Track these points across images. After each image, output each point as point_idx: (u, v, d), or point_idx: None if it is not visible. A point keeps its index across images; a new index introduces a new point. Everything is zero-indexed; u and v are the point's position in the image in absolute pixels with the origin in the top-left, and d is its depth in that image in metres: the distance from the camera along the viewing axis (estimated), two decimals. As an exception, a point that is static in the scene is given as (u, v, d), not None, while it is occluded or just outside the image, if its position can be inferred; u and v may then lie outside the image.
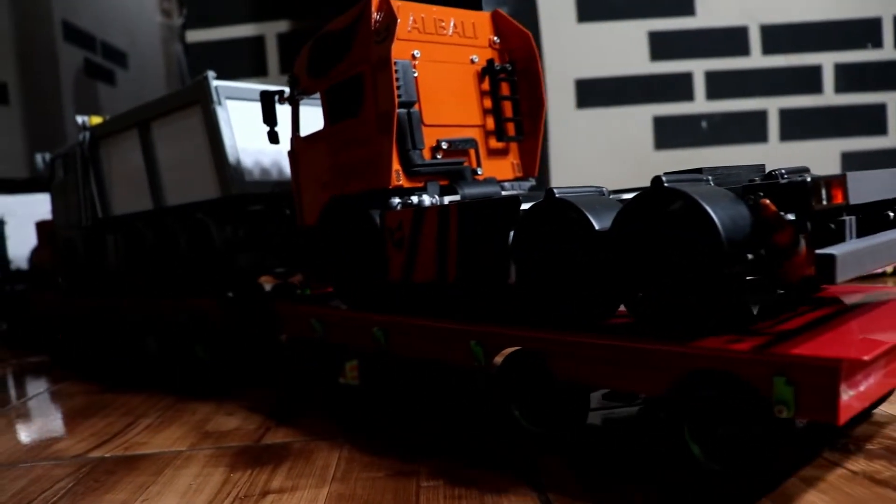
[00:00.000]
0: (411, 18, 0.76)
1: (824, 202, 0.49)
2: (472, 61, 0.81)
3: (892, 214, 0.57)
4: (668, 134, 2.27)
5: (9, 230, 1.80)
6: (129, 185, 1.21)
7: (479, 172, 0.80)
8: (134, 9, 4.36)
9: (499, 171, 0.82)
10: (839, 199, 0.49)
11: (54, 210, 1.50)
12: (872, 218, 0.56)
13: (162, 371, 1.09)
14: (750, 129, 2.27)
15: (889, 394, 0.63)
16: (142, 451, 0.73)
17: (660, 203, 0.51)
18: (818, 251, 0.46)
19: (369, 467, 0.63)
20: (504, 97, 0.81)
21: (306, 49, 0.85)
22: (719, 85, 2.26)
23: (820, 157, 2.25)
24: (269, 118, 0.89)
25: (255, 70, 2.23)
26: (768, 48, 2.24)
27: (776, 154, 2.27)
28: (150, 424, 0.82)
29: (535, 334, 0.61)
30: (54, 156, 1.46)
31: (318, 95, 0.84)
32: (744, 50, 2.24)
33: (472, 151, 0.79)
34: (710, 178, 0.58)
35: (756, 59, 2.24)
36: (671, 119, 2.27)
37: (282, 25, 2.19)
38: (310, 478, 0.62)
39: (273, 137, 0.90)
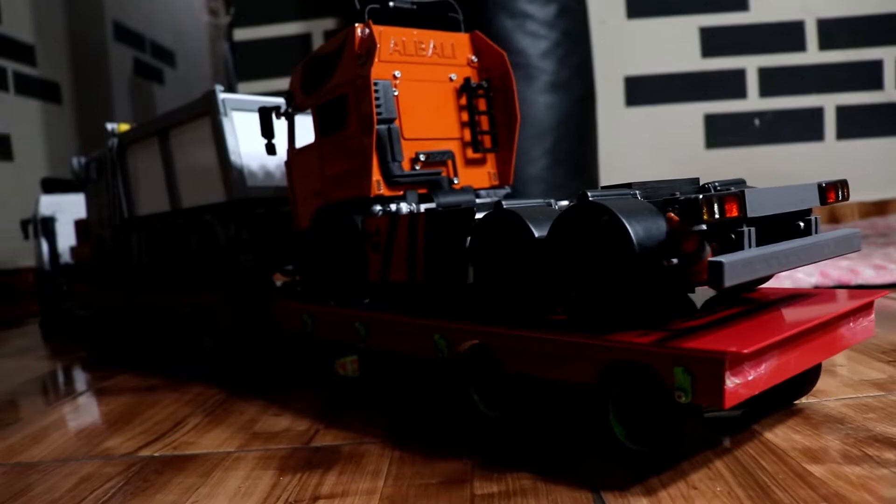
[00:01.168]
0: (392, 42, 0.82)
1: (717, 216, 0.54)
2: (451, 79, 0.87)
3: (802, 224, 0.64)
4: (720, 132, 2.22)
5: (59, 227, 1.86)
6: (150, 188, 1.31)
7: (456, 182, 0.86)
8: (182, 8, 4.41)
9: (476, 180, 0.88)
10: (734, 213, 0.55)
11: (88, 209, 1.61)
12: (786, 228, 0.64)
13: (215, 368, 1.09)
14: (805, 127, 2.20)
15: (803, 384, 0.69)
16: (190, 451, 0.72)
17: (585, 216, 0.58)
18: (711, 259, 0.52)
19: (421, 473, 0.62)
20: (480, 112, 0.88)
21: (300, 68, 0.92)
22: (773, 82, 2.20)
23: (880, 156, 2.17)
24: (267, 131, 0.95)
25: (302, 68, 2.24)
26: (825, 43, 2.17)
27: (833, 153, 2.20)
28: (199, 424, 0.82)
29: (486, 329, 0.67)
30: (88, 159, 1.56)
31: (310, 111, 0.91)
32: (799, 45, 2.18)
33: (449, 162, 0.85)
34: (637, 192, 0.63)
35: (812, 55, 2.18)
36: (723, 117, 2.22)
37: (328, 23, 2.19)
38: (360, 483, 0.60)
39: (270, 149, 0.96)
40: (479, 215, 0.68)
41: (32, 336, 1.68)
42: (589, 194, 0.58)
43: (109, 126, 1.48)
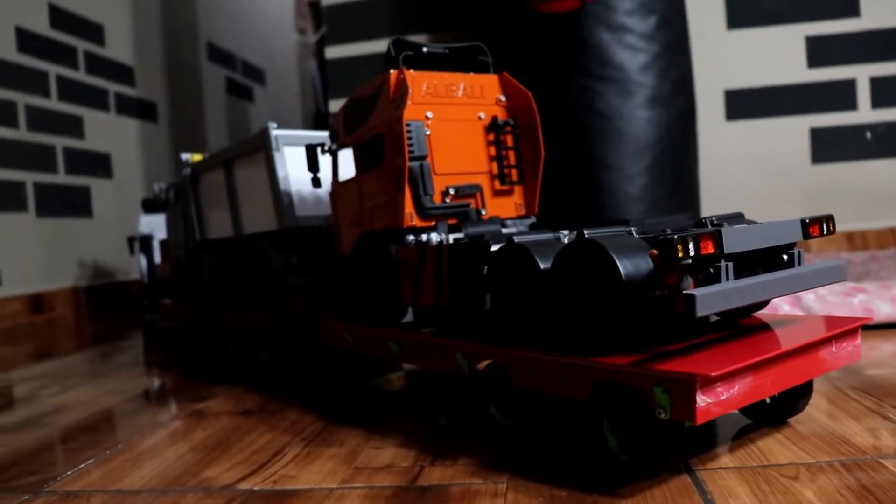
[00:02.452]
0: (425, 86, 0.90)
1: (691, 253, 0.59)
2: (480, 117, 0.94)
3: (785, 258, 0.70)
4: (827, 147, 2.10)
5: (156, 244, 1.95)
6: (218, 214, 1.44)
7: (484, 213, 0.93)
8: (271, 28, 4.51)
9: (504, 210, 0.96)
10: (710, 250, 0.60)
11: (168, 230, 1.77)
12: (769, 261, 0.70)
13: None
14: (924, 140, 2.06)
15: (795, 402, 0.75)
16: (292, 486, 0.69)
17: (582, 250, 0.65)
18: (685, 291, 0.58)
19: (538, 521, 0.57)
20: (507, 147, 0.95)
21: (343, 109, 1.00)
22: (887, 92, 2.07)
23: None
24: (313, 166, 1.04)
25: (393, 85, 2.23)
26: (947, 51, 2.03)
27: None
28: (297, 455, 0.79)
29: (499, 350, 0.75)
30: (168, 185, 1.72)
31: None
32: (917, 53, 2.04)
33: (477, 195, 0.93)
34: (633, 229, 0.71)
35: (931, 64, 2.04)
36: (831, 130, 2.10)
37: (419, 39, 2.18)
38: (474, 531, 0.56)
39: (316, 182, 1.04)
40: (494, 247, 0.76)
41: (130, 351, 1.71)
42: (585, 232, 0.67)
43: (184, 156, 1.65)
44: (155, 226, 2.01)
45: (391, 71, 0.90)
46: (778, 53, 2.09)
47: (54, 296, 2.55)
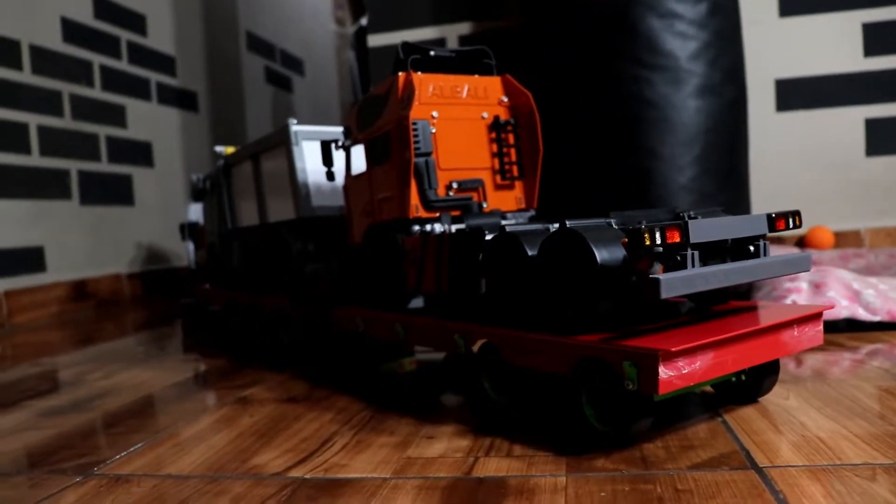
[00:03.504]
0: (431, 87, 0.95)
1: (658, 241, 0.65)
2: (483, 117, 1.00)
3: (752, 248, 0.76)
4: (884, 138, 2.03)
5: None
6: (247, 204, 1.54)
7: (485, 206, 0.99)
8: (309, 18, 4.51)
9: (505, 204, 1.01)
10: (676, 239, 0.66)
11: (205, 218, 1.87)
12: (738, 250, 0.75)
13: (355, 381, 1.07)
14: None
15: (762, 383, 0.81)
16: (343, 475, 0.68)
17: (564, 239, 0.71)
18: (650, 276, 0.63)
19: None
20: (508, 145, 1.00)
21: (356, 107, 1.06)
22: (946, 83, 1.99)
23: None
24: (327, 161, 1.10)
25: (436, 73, 2.20)
26: None
27: None
28: (347, 444, 0.77)
29: (492, 330, 0.81)
30: (205, 176, 1.81)
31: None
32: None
33: (480, 189, 0.99)
34: (613, 221, 0.76)
35: None
36: (888, 121, 2.03)
37: (464, 27, 2.15)
38: (535, 525, 0.54)
39: (330, 176, 1.12)
40: (488, 237, 0.82)
41: (172, 337, 1.71)
42: (567, 223, 0.71)
43: (218, 149, 1.77)
44: (202, 213, 2.03)
45: (400, 73, 0.95)
46: (833, 41, 2.02)
47: (97, 282, 2.57)
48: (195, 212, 2.07)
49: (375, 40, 2.22)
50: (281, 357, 1.31)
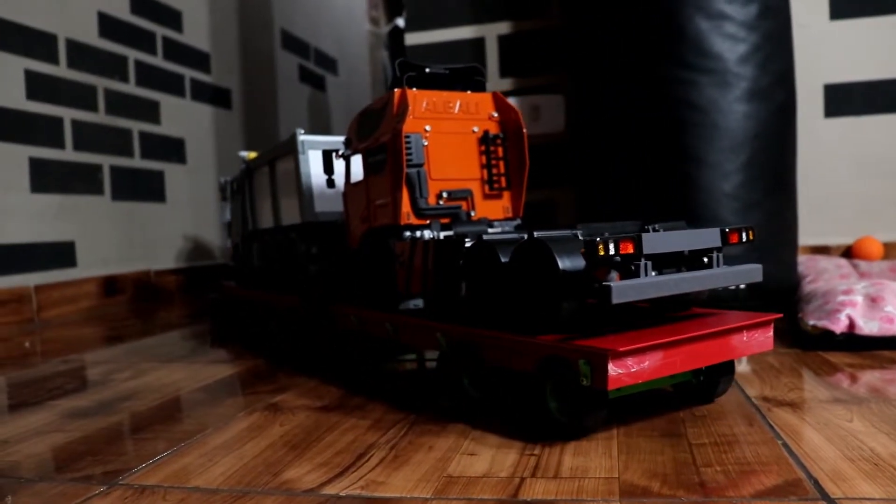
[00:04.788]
0: (425, 102, 1.01)
1: (612, 252, 0.71)
2: (474, 131, 1.05)
3: (706, 259, 0.81)
4: (938, 148, 1.95)
5: None
6: (265, 207, 1.62)
7: (473, 214, 1.05)
8: (344, 17, 4.50)
9: (493, 213, 1.07)
10: (630, 250, 0.72)
11: (231, 220, 1.95)
12: (692, 261, 0.81)
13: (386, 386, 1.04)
14: None
15: (717, 384, 0.87)
16: (381, 494, 0.64)
17: (532, 248, 0.77)
18: (603, 282, 0.70)
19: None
20: (497, 157, 1.06)
21: (356, 119, 1.12)
22: None
23: None
24: (328, 169, 1.17)
25: (474, 73, 2.16)
26: None
27: None
28: (384, 458, 0.73)
29: (470, 330, 0.87)
30: (231, 179, 1.91)
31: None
32: None
33: (468, 198, 1.05)
34: (579, 232, 0.83)
35: None
36: (941, 130, 1.95)
37: (503, 27, 2.11)
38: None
39: (330, 183, 1.19)
40: (468, 244, 0.89)
41: (201, 337, 1.69)
42: (535, 233, 0.78)
43: (242, 154, 1.87)
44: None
45: (396, 89, 1.01)
46: (885, 45, 1.95)
47: (127, 278, 2.56)
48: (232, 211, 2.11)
49: (413, 39, 2.19)
50: (293, 355, 1.37)
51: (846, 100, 1.98)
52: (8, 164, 2.11)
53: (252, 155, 1.79)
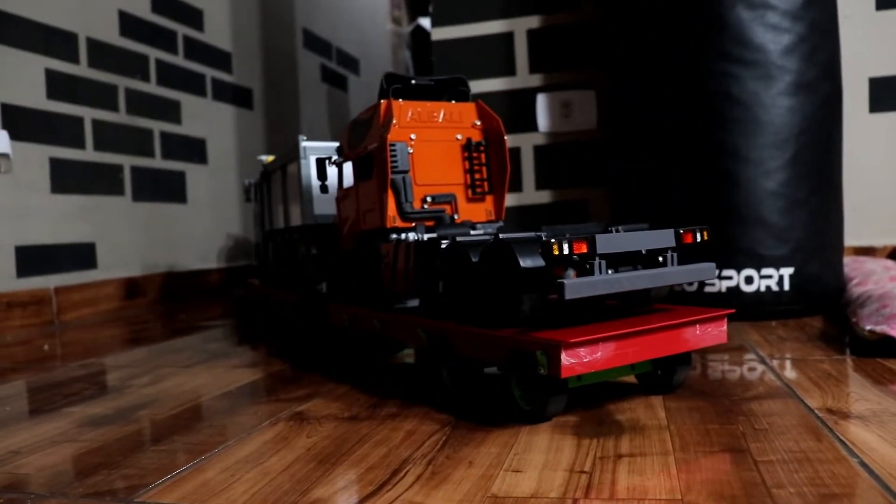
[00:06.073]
0: (410, 112, 1.07)
1: (566, 252, 0.76)
2: (457, 138, 1.11)
3: (661, 259, 0.85)
4: None
5: None
6: (278, 209, 1.69)
7: (456, 217, 1.10)
8: (366, 17, 4.45)
9: (476, 216, 1.12)
10: (583, 250, 0.77)
11: (253, 220, 2.11)
12: (648, 260, 0.85)
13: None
14: None
15: (673, 374, 0.91)
16: (420, 517, 0.58)
17: (497, 249, 0.84)
18: (559, 280, 0.74)
19: None
20: (479, 164, 1.12)
21: (347, 128, 1.19)
22: None
23: None
24: (322, 175, 1.24)
25: (503, 69, 2.09)
26: None
27: None
28: (421, 475, 0.67)
29: (445, 325, 0.93)
30: (253, 182, 2.02)
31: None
32: None
33: (452, 203, 1.10)
34: (543, 234, 0.88)
35: None
36: None
37: (532, 21, 2.04)
38: None
39: (324, 189, 1.27)
40: (443, 245, 0.94)
41: (223, 341, 1.64)
42: (500, 235, 0.83)
43: (261, 157, 1.95)
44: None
45: (381, 101, 1.07)
46: (933, 38, 1.87)
47: (148, 280, 2.53)
48: (254, 213, 2.22)
49: (439, 34, 2.13)
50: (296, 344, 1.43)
51: (893, 94, 1.90)
52: (28, 165, 2.08)
53: (270, 159, 1.85)
